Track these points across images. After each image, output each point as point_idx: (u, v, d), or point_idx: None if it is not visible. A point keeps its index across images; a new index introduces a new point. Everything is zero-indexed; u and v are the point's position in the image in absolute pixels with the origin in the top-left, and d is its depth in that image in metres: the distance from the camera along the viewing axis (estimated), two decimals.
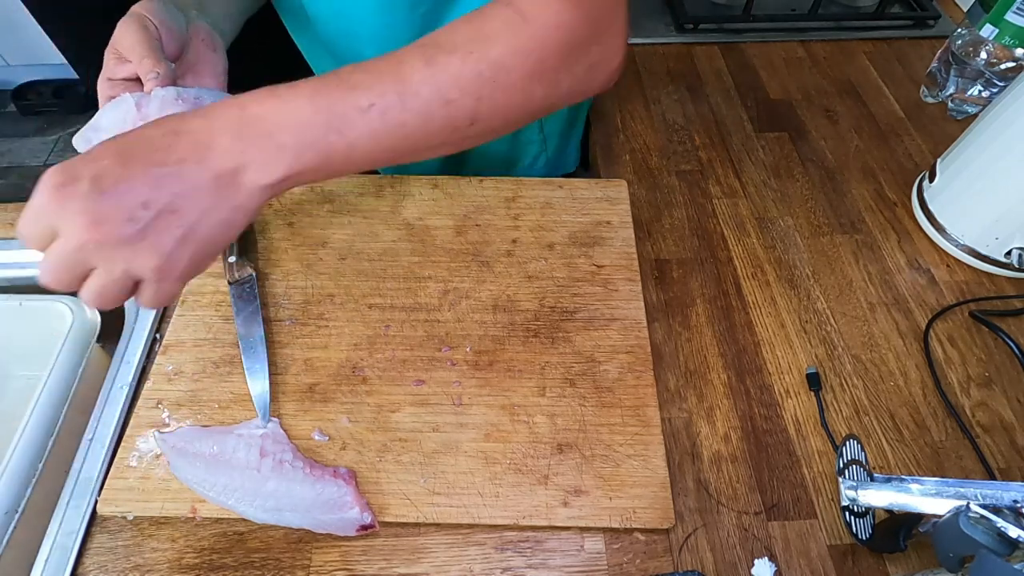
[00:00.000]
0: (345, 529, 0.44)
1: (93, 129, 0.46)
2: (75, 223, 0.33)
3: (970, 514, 0.36)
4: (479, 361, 0.53)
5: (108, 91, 0.47)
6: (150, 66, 0.45)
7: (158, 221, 0.34)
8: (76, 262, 0.34)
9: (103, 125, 0.45)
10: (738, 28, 0.89)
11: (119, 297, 0.36)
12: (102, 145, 0.35)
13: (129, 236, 0.33)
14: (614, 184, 0.66)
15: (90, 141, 0.45)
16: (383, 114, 0.36)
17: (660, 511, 0.46)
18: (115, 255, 0.34)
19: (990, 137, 0.58)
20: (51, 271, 0.34)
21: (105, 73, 0.48)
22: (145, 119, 0.44)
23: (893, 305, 0.59)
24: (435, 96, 0.37)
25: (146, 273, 0.35)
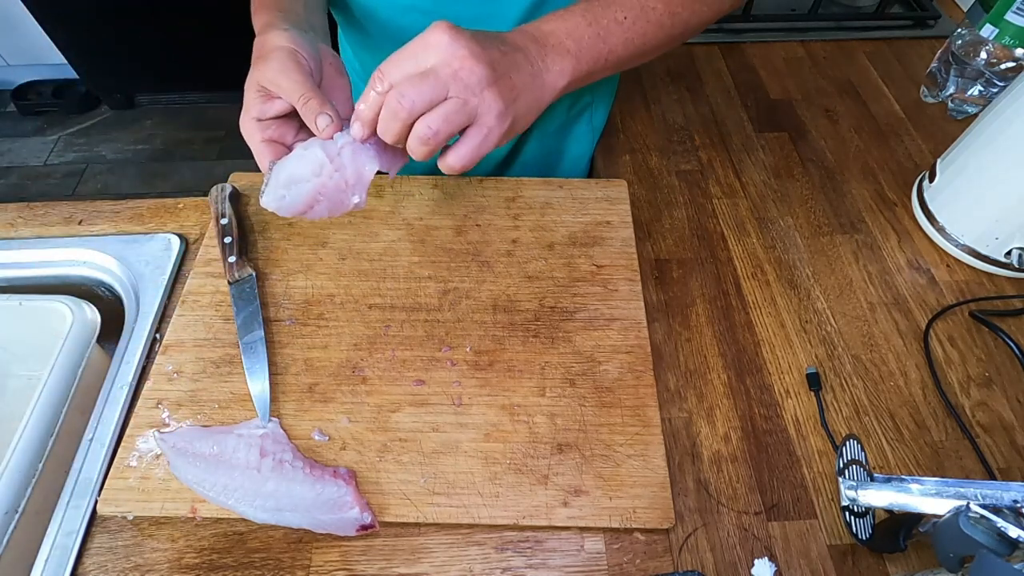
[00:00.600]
0: (345, 529, 0.44)
1: (285, 186, 0.45)
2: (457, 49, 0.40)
3: (970, 514, 0.36)
4: (479, 361, 0.53)
5: (261, 133, 0.46)
6: (317, 107, 0.44)
7: (504, 79, 0.41)
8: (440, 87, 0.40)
9: (299, 179, 0.44)
10: (738, 28, 0.89)
11: (453, 130, 0.41)
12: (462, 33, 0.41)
13: (489, 75, 0.40)
14: (614, 184, 0.66)
15: (283, 199, 0.45)
16: (633, 24, 0.47)
17: (660, 511, 0.46)
18: (474, 89, 0.40)
19: (990, 137, 0.58)
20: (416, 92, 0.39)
21: (252, 113, 0.46)
22: (340, 169, 0.44)
23: (893, 305, 0.59)
24: (666, 10, 0.48)
25: (488, 116, 0.41)
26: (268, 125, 0.47)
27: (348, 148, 0.44)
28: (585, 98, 0.73)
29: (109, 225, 0.65)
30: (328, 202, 0.46)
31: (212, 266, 0.59)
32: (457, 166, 0.43)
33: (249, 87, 0.46)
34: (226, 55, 1.88)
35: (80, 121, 2.15)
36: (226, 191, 0.63)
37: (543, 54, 0.44)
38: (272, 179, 0.45)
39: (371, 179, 0.46)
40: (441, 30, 0.40)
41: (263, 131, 0.46)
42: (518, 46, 0.44)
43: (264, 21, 0.49)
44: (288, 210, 0.46)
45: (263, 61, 0.45)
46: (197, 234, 0.64)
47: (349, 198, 0.46)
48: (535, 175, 0.76)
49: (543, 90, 0.45)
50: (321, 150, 0.44)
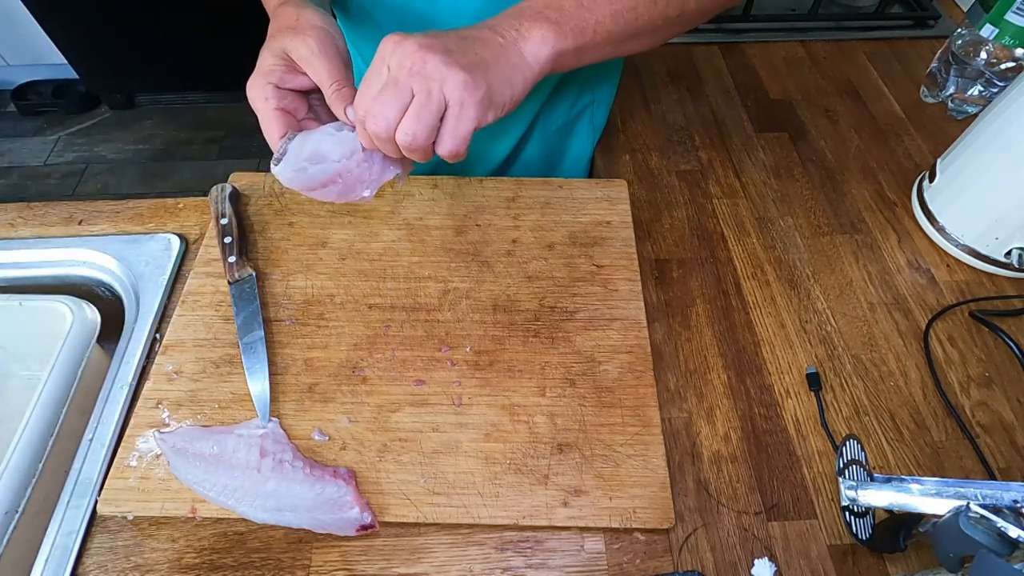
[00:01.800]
0: (345, 529, 0.44)
1: (310, 160, 0.44)
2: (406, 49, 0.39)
3: (970, 514, 0.36)
4: (479, 361, 0.53)
5: (277, 102, 0.46)
6: (350, 97, 0.44)
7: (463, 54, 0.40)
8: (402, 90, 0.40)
9: (327, 155, 0.44)
10: (738, 28, 0.89)
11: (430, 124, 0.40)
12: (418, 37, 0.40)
13: (444, 57, 0.39)
14: (614, 184, 0.66)
15: (304, 170, 0.45)
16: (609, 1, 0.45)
17: (660, 511, 0.46)
18: (432, 75, 0.39)
19: (990, 137, 0.58)
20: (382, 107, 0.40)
21: (270, 78, 0.45)
22: (369, 161, 0.45)
23: (893, 305, 0.59)
24: None
25: (455, 93, 0.40)
26: (285, 95, 0.46)
27: None
28: (586, 97, 0.73)
29: (109, 225, 0.65)
30: (342, 186, 0.46)
31: (212, 266, 0.59)
32: (448, 153, 0.42)
33: (272, 53, 0.45)
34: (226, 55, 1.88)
35: (80, 121, 2.15)
36: (226, 191, 0.63)
37: (517, 24, 0.43)
38: (293, 149, 0.45)
39: (387, 180, 0.47)
40: (389, 40, 0.40)
41: (280, 99, 0.46)
42: (483, 25, 0.43)
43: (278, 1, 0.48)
44: (300, 184, 0.45)
45: (297, 34, 0.44)
46: (197, 234, 0.64)
47: (361, 190, 0.47)
48: (537, 175, 0.76)
49: (521, 57, 0.43)
50: (354, 137, 0.45)
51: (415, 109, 0.40)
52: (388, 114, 0.40)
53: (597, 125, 0.76)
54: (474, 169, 0.75)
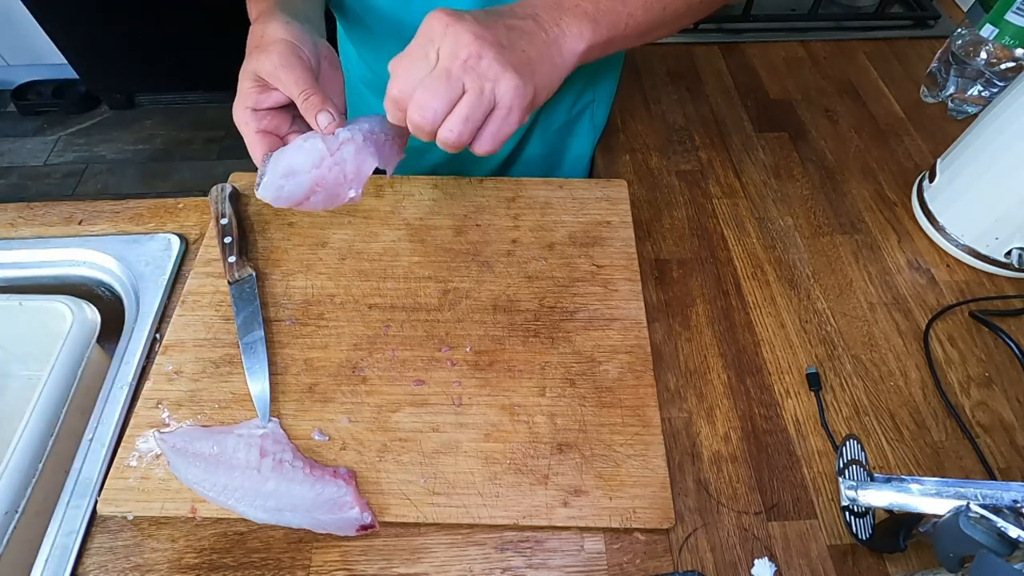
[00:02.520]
0: (345, 529, 0.44)
1: (283, 176, 0.45)
2: (460, 37, 0.38)
3: (970, 514, 0.36)
4: (479, 361, 0.53)
5: (257, 124, 0.46)
6: (318, 103, 0.44)
7: (516, 53, 0.40)
8: (454, 84, 0.39)
9: (297, 170, 0.44)
10: (738, 28, 0.89)
11: (477, 125, 0.40)
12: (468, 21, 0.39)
13: (499, 55, 0.39)
14: (614, 184, 0.66)
15: (281, 188, 0.45)
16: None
17: (660, 511, 0.46)
18: (487, 74, 0.39)
19: (990, 137, 0.58)
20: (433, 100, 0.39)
21: (246, 103, 0.46)
22: (340, 163, 0.45)
23: (893, 305, 0.59)
24: None
25: (507, 96, 0.39)
26: (263, 116, 0.46)
27: (351, 144, 0.45)
28: (587, 96, 0.73)
29: (109, 225, 0.65)
30: (325, 194, 0.46)
31: (212, 266, 0.59)
32: (484, 152, 0.42)
33: (245, 76, 0.45)
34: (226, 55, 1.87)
35: (80, 121, 2.15)
36: (226, 191, 0.63)
37: (557, 18, 0.42)
38: (270, 169, 0.45)
39: (369, 175, 0.46)
40: (439, 20, 0.39)
41: (258, 121, 0.46)
42: (527, 14, 0.42)
43: (261, 9, 0.48)
44: (284, 200, 0.46)
45: (262, 52, 0.44)
46: (197, 234, 0.64)
47: (346, 192, 0.46)
48: (538, 174, 0.76)
49: (561, 56, 0.43)
50: (322, 142, 0.44)
51: (466, 110, 0.39)
52: (436, 107, 0.39)
53: (597, 124, 0.76)
54: (475, 169, 0.75)
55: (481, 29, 0.39)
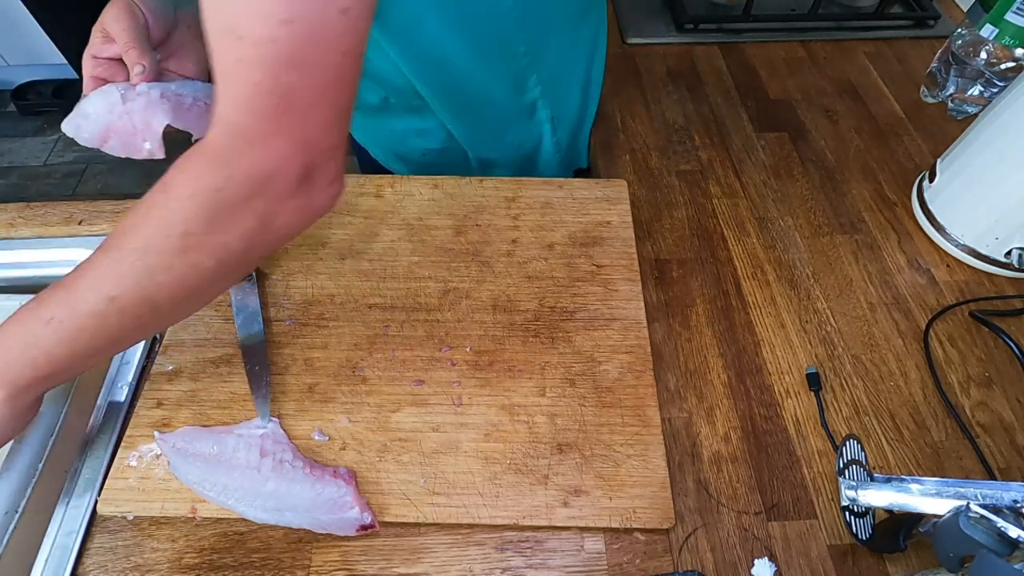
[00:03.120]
0: (345, 529, 0.44)
1: (82, 116, 0.47)
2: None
3: (970, 514, 0.36)
4: (479, 361, 0.53)
5: (92, 70, 0.48)
6: (135, 57, 0.45)
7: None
8: None
9: (90, 112, 0.47)
10: (738, 28, 0.89)
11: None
12: None
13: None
14: (614, 184, 0.66)
15: (79, 127, 0.47)
16: (61, 323, 0.38)
17: (660, 511, 0.46)
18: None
19: (990, 137, 0.58)
20: None
21: (91, 50, 0.48)
22: (129, 113, 0.46)
23: (893, 305, 0.59)
24: (100, 298, 0.38)
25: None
26: (100, 63, 0.48)
27: (143, 98, 0.46)
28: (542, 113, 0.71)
29: (109, 225, 0.65)
30: (119, 141, 0.48)
31: None
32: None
33: (95, 27, 0.47)
34: None
35: None
36: None
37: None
38: (76, 109, 0.47)
39: (161, 131, 0.47)
40: None
41: (94, 68, 0.48)
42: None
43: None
44: (85, 140, 0.48)
45: (108, 8, 0.46)
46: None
47: (140, 143, 0.48)
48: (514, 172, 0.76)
49: None
50: (117, 91, 0.46)
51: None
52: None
53: (560, 139, 0.74)
54: None
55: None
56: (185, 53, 0.51)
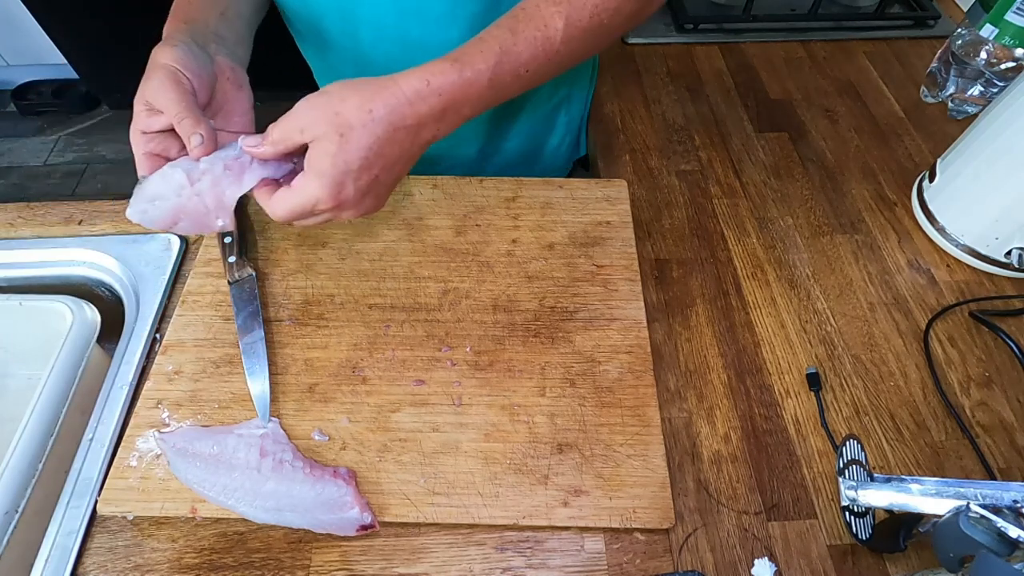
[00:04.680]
0: (345, 529, 0.44)
1: (146, 201, 0.46)
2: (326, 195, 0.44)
3: (970, 514, 0.36)
4: (479, 361, 0.53)
5: (144, 146, 0.47)
6: (191, 127, 0.44)
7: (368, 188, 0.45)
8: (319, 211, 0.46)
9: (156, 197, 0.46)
10: (738, 28, 0.89)
11: None
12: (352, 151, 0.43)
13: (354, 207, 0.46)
14: (614, 184, 0.66)
15: (145, 212, 0.46)
16: (534, 73, 0.46)
17: (660, 511, 0.46)
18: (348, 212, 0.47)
19: (990, 137, 0.58)
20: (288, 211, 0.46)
21: (138, 126, 0.47)
22: (200, 194, 0.46)
23: (893, 305, 0.59)
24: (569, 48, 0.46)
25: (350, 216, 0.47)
26: (151, 138, 0.47)
27: (208, 176, 0.45)
28: (562, 91, 0.74)
29: (109, 225, 0.65)
30: (190, 221, 0.47)
31: (212, 266, 0.59)
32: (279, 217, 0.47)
33: (137, 100, 0.47)
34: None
35: (80, 121, 2.15)
36: None
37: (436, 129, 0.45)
38: (137, 192, 0.46)
39: (234, 204, 0.47)
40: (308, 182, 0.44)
41: (146, 144, 0.47)
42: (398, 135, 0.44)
43: (166, 32, 0.49)
44: (152, 223, 0.47)
45: (147, 77, 0.46)
46: (197, 234, 0.64)
47: (213, 220, 0.47)
48: (517, 165, 0.77)
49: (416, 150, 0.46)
50: (183, 172, 0.45)
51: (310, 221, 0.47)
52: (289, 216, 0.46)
53: (573, 116, 0.77)
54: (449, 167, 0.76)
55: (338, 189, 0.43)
56: (230, 108, 0.50)
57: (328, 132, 0.42)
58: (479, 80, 0.44)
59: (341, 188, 0.43)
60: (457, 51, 0.44)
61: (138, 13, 1.84)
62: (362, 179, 0.44)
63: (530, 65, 0.45)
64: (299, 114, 0.43)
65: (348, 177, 0.43)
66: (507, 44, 0.44)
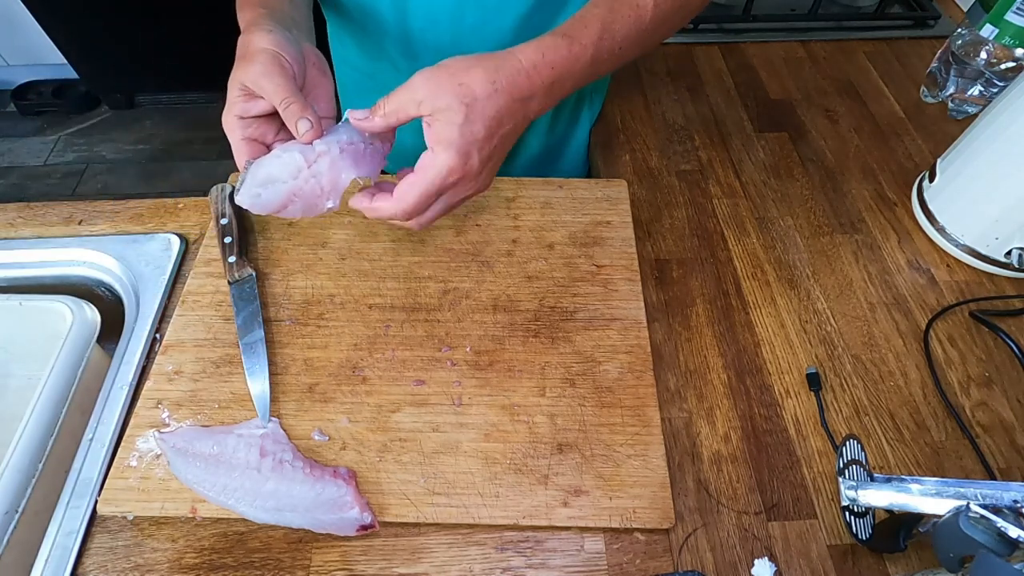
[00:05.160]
0: (345, 529, 0.44)
1: (260, 185, 0.46)
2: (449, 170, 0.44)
3: (970, 514, 0.36)
4: (479, 361, 0.53)
5: (242, 132, 0.47)
6: (298, 112, 0.44)
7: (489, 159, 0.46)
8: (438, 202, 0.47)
9: (271, 180, 0.46)
10: (738, 28, 0.89)
11: None
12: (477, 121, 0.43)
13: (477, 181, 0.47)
14: (614, 184, 0.66)
15: (258, 196, 0.46)
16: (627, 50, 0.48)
17: (660, 511, 0.46)
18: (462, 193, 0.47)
19: (990, 137, 0.58)
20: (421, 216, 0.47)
21: (234, 111, 0.47)
22: (316, 176, 0.46)
23: (893, 305, 0.59)
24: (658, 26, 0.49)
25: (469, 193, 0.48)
26: (249, 123, 0.47)
27: (326, 157, 0.45)
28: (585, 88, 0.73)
29: (109, 225, 0.65)
30: (302, 203, 0.47)
31: (212, 266, 0.59)
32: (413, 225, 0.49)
33: (232, 85, 0.46)
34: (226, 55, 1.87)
35: (80, 121, 2.15)
36: (226, 191, 0.63)
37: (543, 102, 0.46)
38: (249, 177, 0.46)
39: (346, 186, 0.47)
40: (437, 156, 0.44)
41: (244, 129, 0.47)
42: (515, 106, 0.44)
43: (249, 19, 0.49)
44: (262, 208, 0.47)
45: (246, 61, 0.45)
46: (197, 234, 0.64)
47: (324, 202, 0.47)
48: (543, 164, 0.77)
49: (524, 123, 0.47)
50: (300, 154, 0.45)
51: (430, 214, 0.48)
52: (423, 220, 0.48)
53: (594, 111, 0.77)
54: None
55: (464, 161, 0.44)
56: (316, 93, 0.50)
57: (452, 103, 0.42)
58: (584, 55, 0.45)
59: (467, 158, 0.44)
60: (563, 26, 0.46)
61: (138, 13, 1.85)
62: (485, 150, 0.44)
63: (624, 43, 0.47)
64: (415, 86, 0.43)
65: (474, 147, 0.44)
66: (607, 21, 0.46)
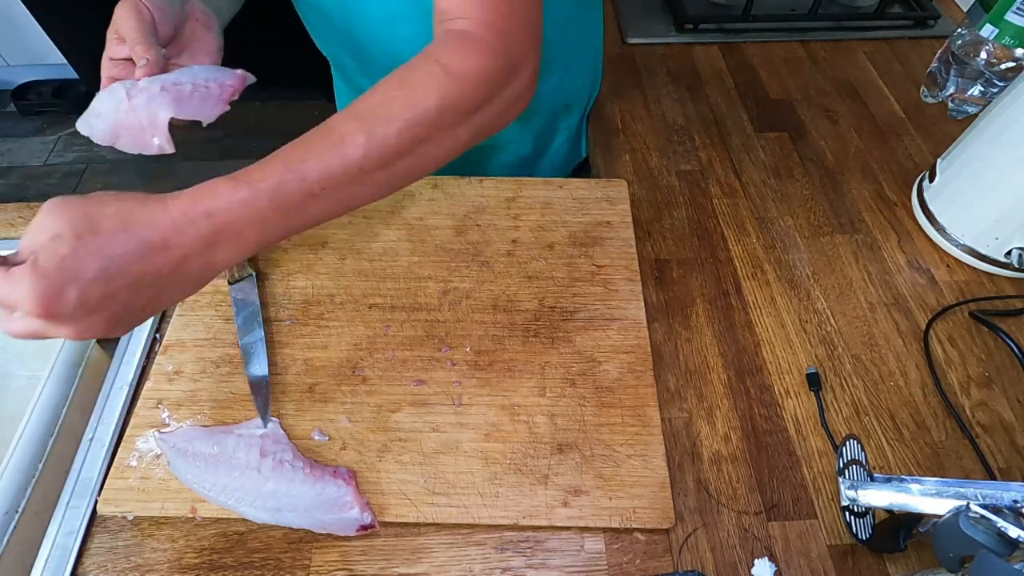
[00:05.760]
0: (345, 529, 0.44)
1: (93, 115, 0.49)
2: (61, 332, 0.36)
3: (970, 514, 0.36)
4: (479, 361, 0.53)
5: (109, 71, 0.49)
6: (140, 52, 0.47)
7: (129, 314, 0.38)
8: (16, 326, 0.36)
9: (100, 111, 0.48)
10: (738, 28, 0.89)
11: None
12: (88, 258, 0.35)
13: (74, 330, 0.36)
14: (614, 184, 0.66)
15: (91, 126, 0.49)
16: (333, 193, 0.40)
17: (660, 511, 0.46)
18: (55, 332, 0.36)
19: (990, 137, 0.58)
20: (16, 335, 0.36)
21: (107, 53, 0.49)
22: (134, 110, 0.47)
23: (893, 305, 0.59)
24: (378, 167, 0.40)
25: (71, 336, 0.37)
26: (116, 64, 0.49)
27: (144, 93, 0.47)
28: (559, 102, 0.73)
29: None
30: (130, 137, 0.49)
31: None
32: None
33: (109, 31, 0.49)
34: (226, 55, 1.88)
35: None
36: None
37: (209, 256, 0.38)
38: (89, 107, 0.49)
39: (166, 125, 0.48)
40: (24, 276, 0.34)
41: (111, 69, 0.49)
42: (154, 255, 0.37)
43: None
44: (99, 138, 0.49)
45: (117, 8, 0.48)
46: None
47: (150, 139, 0.49)
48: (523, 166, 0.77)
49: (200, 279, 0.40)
50: (123, 89, 0.47)
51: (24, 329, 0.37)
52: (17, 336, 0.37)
53: (571, 124, 0.77)
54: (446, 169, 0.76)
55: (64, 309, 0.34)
56: (198, 47, 0.52)
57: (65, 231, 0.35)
58: (257, 200, 0.38)
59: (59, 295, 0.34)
60: (241, 170, 0.40)
61: None
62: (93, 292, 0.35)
63: (326, 183, 0.39)
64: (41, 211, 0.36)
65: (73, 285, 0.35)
66: (293, 160, 0.39)
